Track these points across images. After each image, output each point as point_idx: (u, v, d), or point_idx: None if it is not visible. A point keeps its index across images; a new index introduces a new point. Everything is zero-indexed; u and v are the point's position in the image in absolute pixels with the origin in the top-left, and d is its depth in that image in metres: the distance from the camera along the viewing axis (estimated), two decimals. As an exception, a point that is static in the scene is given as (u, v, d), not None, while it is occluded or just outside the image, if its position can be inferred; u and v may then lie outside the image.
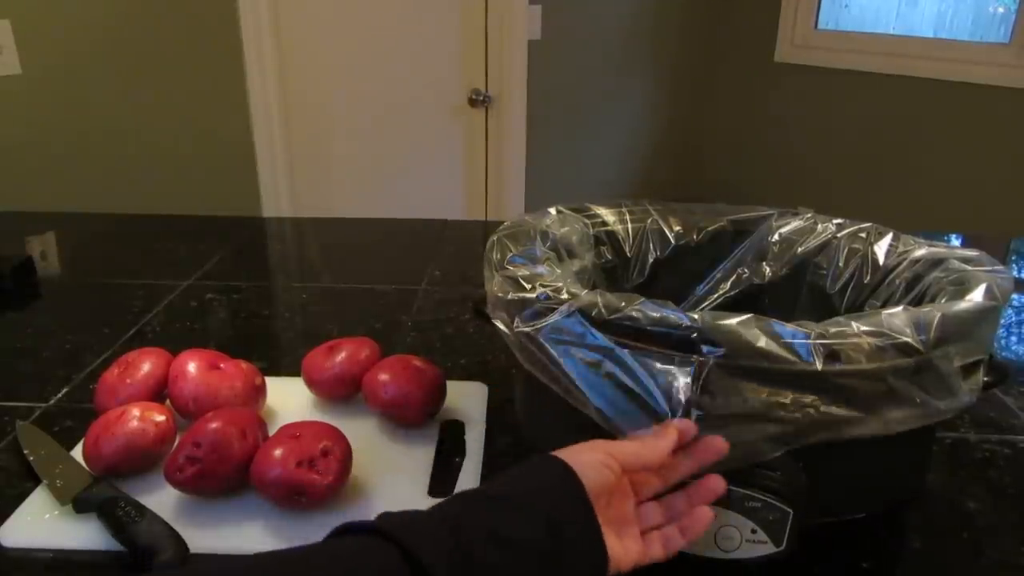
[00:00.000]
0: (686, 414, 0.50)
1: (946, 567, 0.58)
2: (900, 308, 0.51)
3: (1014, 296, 1.09)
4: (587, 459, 0.47)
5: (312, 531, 0.59)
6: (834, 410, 0.50)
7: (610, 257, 0.78)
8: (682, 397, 0.50)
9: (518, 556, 0.42)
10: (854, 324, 0.50)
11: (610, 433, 0.53)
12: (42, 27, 1.95)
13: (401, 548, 0.40)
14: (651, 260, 0.78)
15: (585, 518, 0.45)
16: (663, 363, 0.50)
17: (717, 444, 0.50)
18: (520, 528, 0.43)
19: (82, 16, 1.99)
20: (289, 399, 0.76)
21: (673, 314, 0.50)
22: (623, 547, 0.47)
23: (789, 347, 0.48)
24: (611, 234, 0.78)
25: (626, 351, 0.51)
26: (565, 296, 0.55)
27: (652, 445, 0.49)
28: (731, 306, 0.78)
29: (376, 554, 0.40)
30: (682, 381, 0.50)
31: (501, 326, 0.60)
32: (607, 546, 0.45)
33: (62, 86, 2.02)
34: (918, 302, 0.64)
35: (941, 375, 0.51)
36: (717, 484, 0.50)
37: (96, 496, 0.60)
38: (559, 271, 0.63)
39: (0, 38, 1.90)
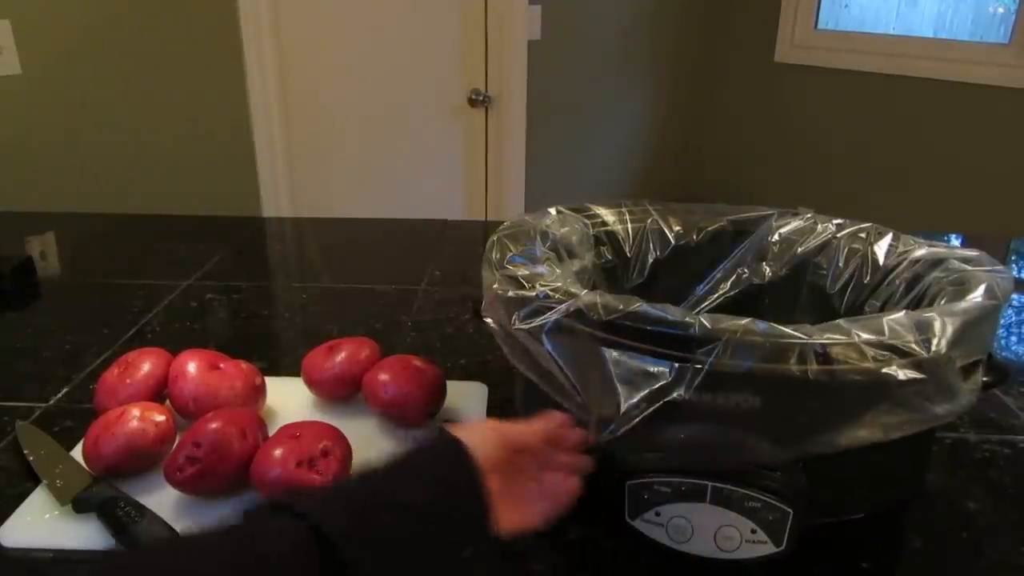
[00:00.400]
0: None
1: (946, 567, 0.58)
2: (902, 312, 0.51)
3: (1014, 296, 1.09)
4: (478, 436, 0.52)
5: (312, 531, 0.59)
6: (832, 415, 0.50)
7: (610, 257, 0.78)
8: (679, 398, 0.50)
9: (414, 520, 0.45)
10: (853, 328, 0.49)
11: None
12: (42, 27, 1.95)
13: (307, 523, 0.42)
14: (651, 260, 0.78)
15: (476, 485, 0.48)
16: (660, 364, 0.50)
17: (575, 437, 0.56)
18: (415, 495, 0.46)
19: (82, 16, 1.99)
20: (289, 399, 0.76)
21: (671, 315, 0.50)
22: (507, 516, 0.51)
23: (787, 351, 0.48)
24: (611, 234, 0.78)
25: (624, 352, 0.51)
26: (564, 296, 0.55)
27: (535, 427, 0.55)
28: (731, 306, 0.78)
29: (285, 530, 0.42)
30: (679, 383, 0.49)
31: (492, 323, 0.60)
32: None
33: (62, 86, 2.02)
34: (918, 302, 0.64)
35: (942, 378, 0.50)
36: (582, 461, 0.55)
37: (96, 496, 0.60)
38: (559, 271, 0.63)
39: (0, 38, 1.90)
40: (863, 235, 0.73)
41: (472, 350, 0.90)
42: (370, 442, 0.70)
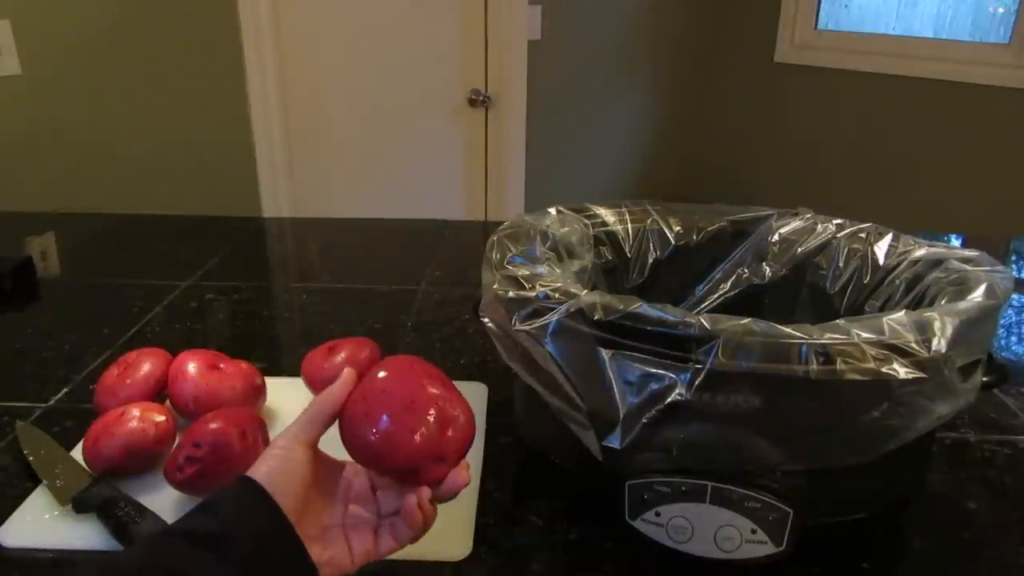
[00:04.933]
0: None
1: (946, 567, 0.58)
2: (902, 312, 0.51)
3: (1014, 296, 1.09)
4: (274, 464, 0.46)
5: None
6: (832, 415, 0.50)
7: (610, 257, 0.78)
8: (679, 399, 0.50)
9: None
10: (853, 328, 0.49)
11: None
12: (42, 27, 1.95)
13: None
14: (651, 260, 0.78)
15: (284, 537, 0.44)
16: (660, 365, 0.50)
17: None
18: (212, 569, 0.41)
19: (82, 16, 1.99)
20: (289, 399, 0.76)
21: (672, 316, 0.50)
22: (336, 551, 0.47)
23: (787, 351, 0.48)
24: (611, 234, 0.78)
25: (624, 352, 0.51)
26: (565, 296, 0.55)
27: (328, 392, 0.50)
28: (731, 306, 0.78)
29: None
30: (679, 383, 0.49)
31: (489, 323, 0.60)
32: (313, 558, 0.45)
33: (62, 86, 2.01)
34: (918, 302, 0.64)
35: (942, 378, 0.50)
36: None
37: (96, 496, 0.60)
38: (559, 271, 0.63)
39: (0, 38, 1.89)
40: (863, 235, 0.73)
41: (472, 350, 0.90)
42: (370, 442, 0.70)
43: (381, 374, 0.51)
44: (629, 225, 0.79)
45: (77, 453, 0.66)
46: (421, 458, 0.48)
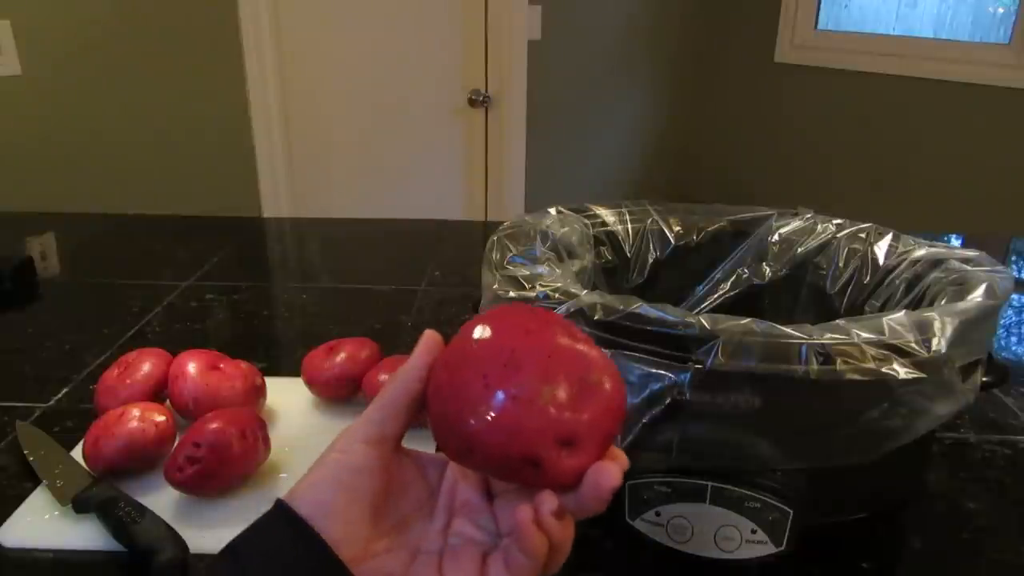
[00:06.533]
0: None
1: (946, 567, 0.58)
2: (902, 312, 0.51)
3: (1014, 296, 1.09)
4: (323, 479, 0.35)
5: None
6: (832, 415, 0.50)
7: (610, 257, 0.78)
8: (679, 399, 0.50)
9: None
10: (853, 328, 0.49)
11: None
12: (42, 27, 1.95)
13: None
14: (651, 260, 0.78)
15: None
16: (660, 365, 0.50)
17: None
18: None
19: (82, 16, 1.99)
20: (289, 399, 0.76)
21: (672, 316, 0.50)
22: None
23: (787, 351, 0.48)
24: (611, 234, 0.78)
25: (624, 352, 0.51)
26: (564, 296, 0.55)
27: (404, 367, 0.37)
28: (731, 306, 0.78)
29: None
30: (679, 383, 0.49)
31: None
32: None
33: (62, 86, 2.02)
34: (918, 302, 0.64)
35: (942, 378, 0.50)
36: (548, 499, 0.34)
37: (96, 496, 0.60)
38: (559, 271, 0.63)
39: (0, 38, 1.90)
40: (863, 235, 0.73)
41: (472, 350, 0.90)
42: (370, 442, 0.70)
43: (479, 325, 0.35)
44: (629, 225, 0.79)
45: (77, 453, 0.66)
46: (535, 440, 0.31)
